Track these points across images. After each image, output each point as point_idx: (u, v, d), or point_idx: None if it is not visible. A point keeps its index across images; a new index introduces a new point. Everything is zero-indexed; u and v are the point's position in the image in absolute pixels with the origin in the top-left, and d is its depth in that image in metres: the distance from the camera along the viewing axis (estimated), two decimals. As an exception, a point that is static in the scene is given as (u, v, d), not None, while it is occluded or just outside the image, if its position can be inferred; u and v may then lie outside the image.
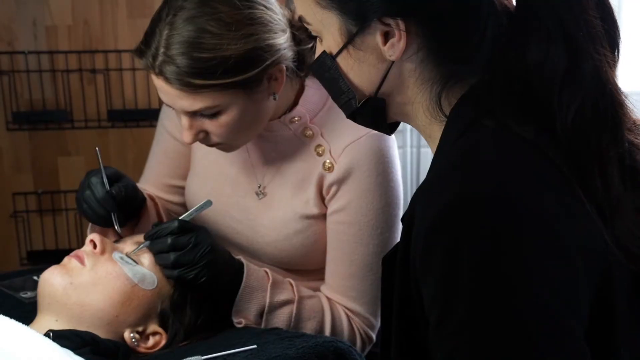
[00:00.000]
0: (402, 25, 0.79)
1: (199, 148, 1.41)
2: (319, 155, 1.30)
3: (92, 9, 2.06)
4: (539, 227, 0.71)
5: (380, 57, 0.82)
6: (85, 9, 2.06)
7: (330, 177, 1.29)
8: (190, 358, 1.03)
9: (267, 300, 1.24)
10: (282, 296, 1.26)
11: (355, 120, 0.91)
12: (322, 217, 1.32)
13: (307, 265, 1.38)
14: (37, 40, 2.07)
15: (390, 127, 0.94)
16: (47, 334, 1.02)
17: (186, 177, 1.48)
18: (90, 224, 1.36)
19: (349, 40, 0.82)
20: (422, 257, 0.74)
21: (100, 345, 1.04)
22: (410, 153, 2.32)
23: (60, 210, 2.17)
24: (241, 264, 1.25)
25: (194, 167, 1.46)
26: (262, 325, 1.24)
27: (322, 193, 1.31)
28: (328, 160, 1.28)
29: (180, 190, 1.49)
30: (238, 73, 1.13)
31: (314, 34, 0.89)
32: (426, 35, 0.80)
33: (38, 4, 2.05)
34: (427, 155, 2.35)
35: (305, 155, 1.32)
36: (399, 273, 0.81)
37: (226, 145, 1.26)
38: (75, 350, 0.99)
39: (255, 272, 1.26)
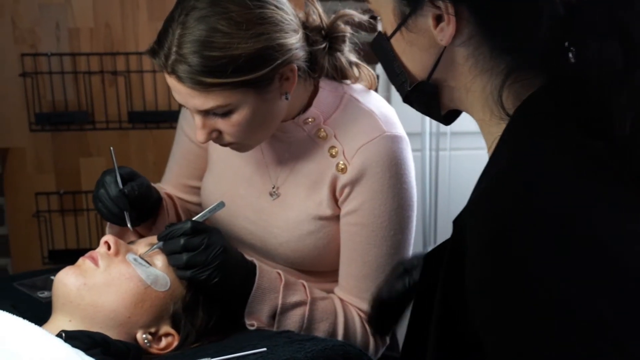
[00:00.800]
0: (451, 9, 0.76)
1: (215, 149, 1.43)
2: (333, 156, 1.30)
3: (113, 12, 2.09)
4: (603, 251, 0.67)
5: (432, 41, 0.80)
6: (106, 12, 2.09)
7: (343, 179, 1.29)
8: (200, 360, 1.04)
9: (280, 302, 1.24)
10: (294, 297, 1.26)
11: (411, 104, 0.89)
12: (336, 218, 1.33)
13: (320, 267, 1.39)
14: (59, 43, 2.09)
15: (447, 117, 0.90)
16: (59, 335, 1.04)
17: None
18: (108, 224, 1.38)
19: (402, 22, 0.81)
20: (478, 270, 0.72)
21: (111, 346, 1.05)
22: (429, 156, 2.31)
23: (81, 210, 2.20)
24: (254, 266, 1.25)
25: (210, 167, 1.47)
26: (275, 327, 1.24)
27: (336, 194, 1.32)
28: (341, 162, 1.29)
29: (199, 190, 1.51)
30: (248, 72, 1.15)
31: (375, 13, 0.87)
32: (477, 21, 0.77)
33: (61, 7, 2.07)
34: (446, 158, 2.34)
35: (318, 157, 1.32)
36: (445, 274, 0.78)
37: (239, 145, 1.27)
38: (87, 351, 1.00)
39: (268, 274, 1.26)
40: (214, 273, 1.17)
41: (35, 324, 1.13)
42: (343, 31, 1.32)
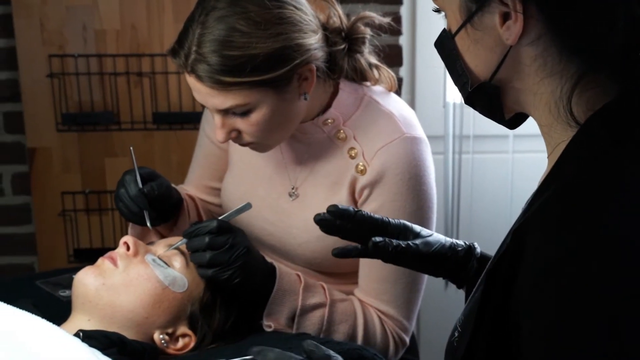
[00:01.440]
0: (518, 7, 0.73)
1: (236, 150, 1.44)
2: (352, 157, 1.31)
3: (139, 13, 2.11)
4: None
5: (497, 40, 0.77)
6: (132, 13, 2.11)
7: (362, 180, 1.29)
8: (216, 362, 1.04)
9: (299, 303, 1.25)
10: (314, 299, 1.27)
11: (473, 106, 0.86)
12: None
13: (339, 268, 1.39)
14: (86, 44, 2.12)
15: (511, 121, 0.86)
16: (77, 334, 1.05)
17: (224, 179, 1.51)
18: (130, 225, 1.40)
19: (468, 19, 0.78)
20: (535, 293, 0.69)
21: (127, 346, 1.06)
22: (452, 159, 2.30)
23: (106, 210, 2.22)
24: (273, 268, 1.26)
25: (231, 168, 1.49)
26: (294, 329, 1.25)
27: (355, 196, 1.32)
28: (361, 163, 1.29)
29: (220, 192, 1.52)
30: (266, 71, 1.16)
31: (440, 9, 0.84)
32: (546, 20, 0.73)
33: (88, 9, 2.10)
34: (469, 161, 2.33)
35: (338, 158, 1.32)
36: (500, 288, 0.75)
37: (258, 145, 1.28)
38: (103, 350, 1.01)
39: (287, 276, 1.27)
40: (235, 273, 1.18)
41: (56, 322, 1.14)
42: (363, 33, 1.32)
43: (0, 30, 2.20)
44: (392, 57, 2.19)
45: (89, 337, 1.04)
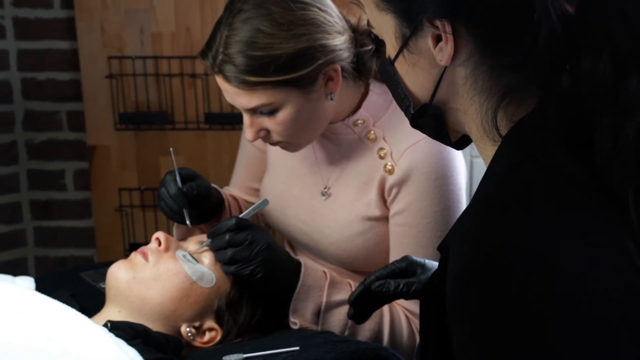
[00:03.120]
0: (448, 28, 0.76)
1: (272, 151, 1.48)
2: (381, 158, 1.32)
3: (194, 17, 2.18)
4: (578, 291, 0.65)
5: (432, 62, 0.79)
6: (187, 17, 2.18)
7: (391, 180, 1.31)
8: (233, 355, 1.08)
9: (324, 299, 1.27)
10: (339, 296, 1.28)
11: (421, 129, 0.89)
12: (384, 219, 1.34)
13: (370, 267, 1.40)
14: (143, 46, 2.20)
15: (459, 142, 0.88)
16: (105, 324, 1.11)
17: (265, 180, 1.55)
18: (175, 225, 1.45)
19: (404, 44, 0.80)
20: (451, 302, 0.71)
21: (151, 337, 1.11)
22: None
23: (160, 206, 2.30)
24: (299, 264, 1.28)
25: (268, 169, 1.53)
26: (319, 325, 1.27)
27: (384, 195, 1.33)
28: (389, 163, 1.31)
29: None
30: (290, 71, 1.19)
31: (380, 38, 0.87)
32: (476, 40, 0.76)
33: (145, 13, 2.18)
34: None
35: (368, 158, 1.34)
36: (436, 304, 0.78)
37: (288, 144, 1.32)
38: (128, 340, 1.07)
39: (313, 272, 1.29)
40: (257, 269, 1.21)
41: (91, 312, 1.21)
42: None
43: (64, 33, 2.31)
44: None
45: (116, 328, 1.10)
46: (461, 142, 0.89)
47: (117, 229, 2.33)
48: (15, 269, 2.35)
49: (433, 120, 0.84)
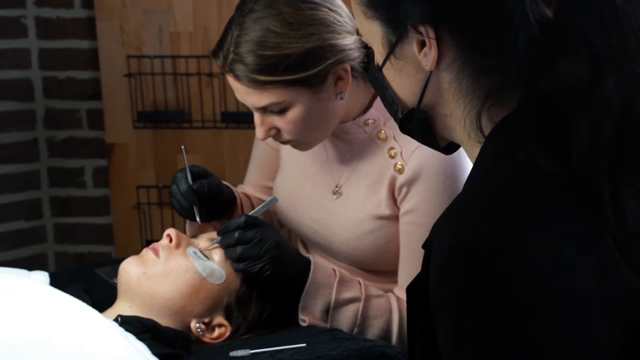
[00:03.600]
0: (431, 34, 0.77)
1: (285, 150, 1.49)
2: (392, 157, 1.33)
3: (211, 16, 2.20)
4: (551, 281, 0.68)
5: (418, 67, 0.81)
6: (205, 16, 2.20)
7: (401, 179, 1.32)
8: (239, 351, 1.10)
9: (333, 297, 1.28)
10: (348, 294, 1.29)
11: (410, 135, 0.90)
12: (395, 218, 1.35)
13: (381, 266, 1.41)
14: (162, 46, 2.23)
15: (447, 147, 0.91)
16: (115, 319, 1.13)
17: (278, 179, 1.57)
18: (187, 222, 1.47)
19: (390, 51, 0.82)
20: (434, 295, 0.74)
21: (160, 332, 1.13)
22: None
23: (177, 204, 2.33)
24: (309, 261, 1.29)
25: (281, 168, 1.54)
26: (328, 322, 1.28)
27: (394, 194, 1.34)
28: (399, 162, 1.32)
29: None
30: (299, 70, 1.20)
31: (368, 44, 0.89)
32: (458, 45, 0.78)
33: (164, 12, 2.21)
34: None
35: (378, 157, 1.35)
36: (421, 302, 0.80)
37: (298, 143, 1.33)
38: (138, 335, 1.09)
39: (322, 270, 1.30)
40: (266, 266, 1.23)
41: (104, 307, 1.24)
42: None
43: (84, 32, 2.35)
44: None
45: (126, 322, 1.12)
46: (450, 148, 0.91)
47: (134, 225, 2.36)
48: (35, 264, 2.39)
49: (421, 124, 0.86)
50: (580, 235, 0.70)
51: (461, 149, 1.30)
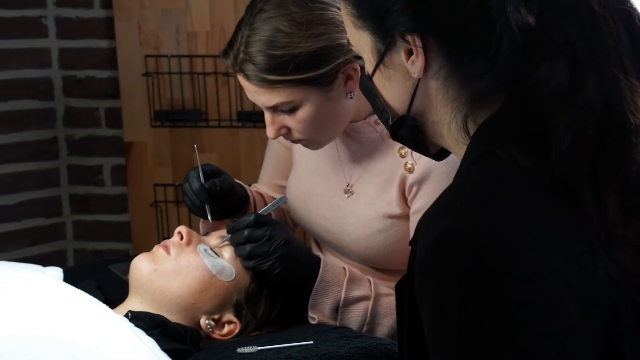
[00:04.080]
0: (418, 42, 0.80)
1: (297, 150, 1.50)
2: (402, 156, 1.34)
3: (228, 16, 2.21)
4: (530, 274, 0.70)
5: (407, 75, 0.84)
6: (222, 16, 2.22)
7: (411, 178, 1.32)
8: (247, 347, 1.11)
9: (342, 295, 1.28)
10: (358, 292, 1.30)
11: (402, 142, 0.93)
12: (405, 217, 1.36)
13: (392, 265, 1.42)
14: (179, 45, 2.25)
15: (439, 153, 0.93)
16: (126, 315, 1.15)
17: (292, 178, 1.58)
18: (201, 220, 1.49)
19: (380, 59, 0.85)
20: (417, 287, 0.76)
21: (169, 328, 1.14)
22: None
23: (194, 202, 2.35)
24: (318, 259, 1.30)
25: (293, 167, 1.55)
26: (338, 321, 1.29)
27: (405, 193, 1.35)
28: (410, 162, 1.32)
29: None
30: (308, 69, 1.22)
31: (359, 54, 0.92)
32: (444, 52, 0.80)
33: (181, 12, 2.23)
34: None
35: (389, 157, 1.36)
36: (408, 297, 0.82)
37: (309, 142, 1.34)
38: (147, 330, 1.10)
39: (332, 268, 1.31)
40: (275, 264, 1.24)
41: (116, 303, 1.26)
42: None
43: (103, 32, 2.38)
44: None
45: (136, 318, 1.13)
46: (441, 154, 0.93)
47: (152, 223, 2.38)
48: (54, 261, 2.41)
49: (411, 131, 0.88)
50: (558, 226, 0.73)
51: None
